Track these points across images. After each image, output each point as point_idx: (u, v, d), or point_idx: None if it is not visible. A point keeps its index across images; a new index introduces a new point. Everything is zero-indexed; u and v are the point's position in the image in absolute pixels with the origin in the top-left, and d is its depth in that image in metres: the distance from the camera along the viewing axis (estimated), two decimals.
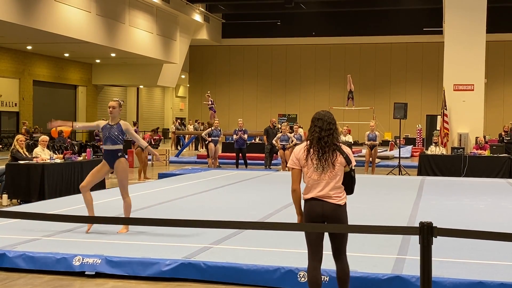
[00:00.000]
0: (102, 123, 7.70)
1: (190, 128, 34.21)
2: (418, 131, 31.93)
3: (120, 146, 7.62)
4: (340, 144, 4.58)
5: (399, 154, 18.71)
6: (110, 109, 7.60)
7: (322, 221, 4.54)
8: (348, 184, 4.62)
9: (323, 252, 4.64)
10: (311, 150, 4.54)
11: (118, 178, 7.65)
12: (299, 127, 19.25)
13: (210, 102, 26.99)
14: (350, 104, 28.39)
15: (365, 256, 5.95)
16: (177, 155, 24.31)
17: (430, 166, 16.82)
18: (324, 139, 4.51)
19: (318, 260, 4.60)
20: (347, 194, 4.64)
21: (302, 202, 4.65)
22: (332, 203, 4.51)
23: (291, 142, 17.64)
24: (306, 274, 5.43)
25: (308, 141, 4.59)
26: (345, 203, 4.58)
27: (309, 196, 4.57)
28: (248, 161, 19.04)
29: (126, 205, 7.66)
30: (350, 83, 28.40)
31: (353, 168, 4.63)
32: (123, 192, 7.65)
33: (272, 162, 19.36)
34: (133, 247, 6.43)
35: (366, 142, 17.72)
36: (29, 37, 24.96)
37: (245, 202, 10.39)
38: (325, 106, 36.28)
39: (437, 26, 33.16)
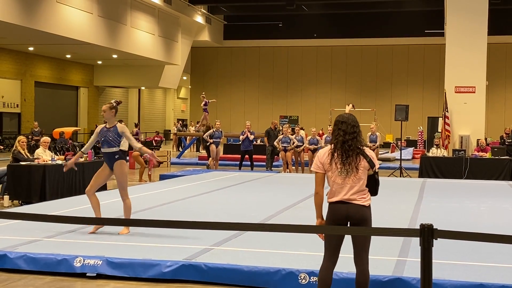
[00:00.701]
0: (99, 127, 7.76)
1: (192, 129, 34.22)
2: (420, 133, 31.90)
3: (117, 149, 7.68)
4: (364, 148, 4.57)
5: (400, 156, 18.70)
6: (102, 113, 7.71)
7: (346, 223, 4.54)
8: (372, 187, 4.63)
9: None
10: (335, 154, 4.53)
11: (117, 180, 7.71)
12: (301, 128, 19.25)
13: (204, 103, 26.88)
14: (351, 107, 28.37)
15: None
16: (179, 157, 24.32)
17: (431, 168, 16.83)
18: (348, 142, 4.50)
19: (333, 262, 4.62)
20: (371, 195, 4.65)
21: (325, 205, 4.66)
22: (357, 204, 4.52)
23: (293, 144, 17.65)
24: (306, 275, 5.45)
25: (332, 145, 4.57)
26: (370, 205, 4.59)
27: (334, 199, 4.57)
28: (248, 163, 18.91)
29: (126, 206, 7.70)
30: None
31: (376, 171, 4.63)
32: (122, 194, 7.70)
33: (273, 163, 19.36)
34: (134, 248, 6.44)
35: (368, 144, 17.74)
36: (30, 38, 25.01)
37: (246, 204, 10.40)
38: (327, 108, 36.29)
39: (439, 28, 33.14)
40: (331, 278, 4.64)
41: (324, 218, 4.65)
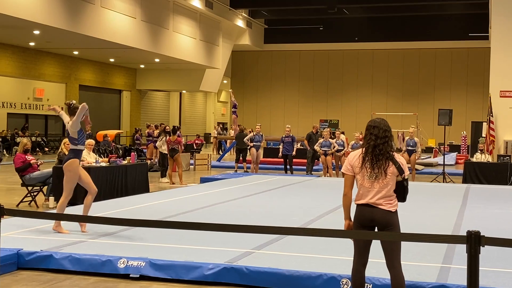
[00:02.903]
0: (79, 125, 8.00)
1: (232, 133, 34.34)
2: (463, 138, 31.38)
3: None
4: (394, 153, 4.56)
5: (444, 161, 18.42)
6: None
7: (372, 226, 4.55)
8: (400, 193, 4.61)
9: (369, 259, 4.65)
10: (366, 157, 4.55)
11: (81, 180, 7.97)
12: (341, 133, 19.14)
13: (233, 106, 26.72)
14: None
15: (409, 264, 5.87)
16: (219, 160, 24.46)
17: (475, 174, 16.52)
18: (379, 146, 4.52)
19: (363, 265, 4.63)
20: (399, 201, 4.63)
21: (353, 207, 4.66)
22: (382, 209, 4.52)
23: (333, 148, 17.55)
24: (348, 281, 5.41)
25: (364, 149, 4.59)
26: (396, 210, 4.57)
27: (360, 202, 4.60)
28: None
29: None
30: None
31: (406, 177, 4.60)
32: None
33: (314, 168, 19.27)
34: (176, 250, 6.49)
35: (404, 148, 17.50)
36: (76, 42, 25.51)
37: (286, 208, 10.38)
38: (367, 112, 36.00)
39: (483, 31, 32.56)
40: (364, 280, 4.67)
41: (352, 219, 4.67)
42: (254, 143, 18.52)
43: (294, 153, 18.58)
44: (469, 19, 36.34)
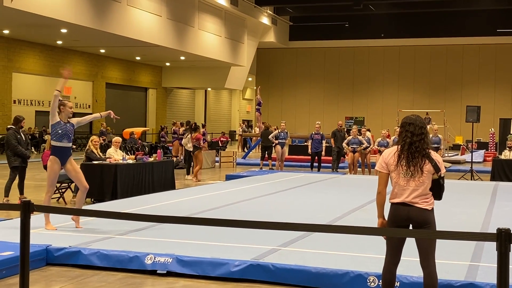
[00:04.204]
0: (56, 119, 7.68)
1: (257, 130, 34.35)
2: (491, 135, 30.97)
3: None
4: (430, 151, 4.50)
5: (471, 159, 18.19)
6: (69, 109, 7.80)
7: (407, 225, 4.50)
8: (437, 191, 4.56)
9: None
10: (402, 155, 4.49)
11: (76, 174, 7.79)
12: (367, 130, 19.01)
13: (257, 104, 26.38)
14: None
15: (437, 262, 5.77)
16: (244, 157, 24.49)
17: (504, 171, 16.30)
18: (415, 144, 4.46)
19: (395, 264, 4.60)
20: (435, 199, 4.58)
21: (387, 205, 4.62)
22: (418, 207, 4.47)
23: (361, 146, 17.45)
24: (375, 278, 5.37)
25: (399, 146, 4.53)
26: (432, 208, 4.52)
27: (395, 201, 4.54)
28: (315, 164, 18.82)
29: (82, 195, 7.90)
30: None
31: (442, 175, 4.54)
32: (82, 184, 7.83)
33: (339, 165, 19.18)
34: (203, 247, 6.52)
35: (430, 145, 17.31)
36: (102, 40, 25.76)
37: (312, 205, 10.35)
38: (394, 109, 35.72)
39: None
40: (395, 279, 4.64)
41: (386, 217, 4.62)
42: (279, 141, 18.49)
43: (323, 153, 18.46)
44: (497, 14, 35.84)
